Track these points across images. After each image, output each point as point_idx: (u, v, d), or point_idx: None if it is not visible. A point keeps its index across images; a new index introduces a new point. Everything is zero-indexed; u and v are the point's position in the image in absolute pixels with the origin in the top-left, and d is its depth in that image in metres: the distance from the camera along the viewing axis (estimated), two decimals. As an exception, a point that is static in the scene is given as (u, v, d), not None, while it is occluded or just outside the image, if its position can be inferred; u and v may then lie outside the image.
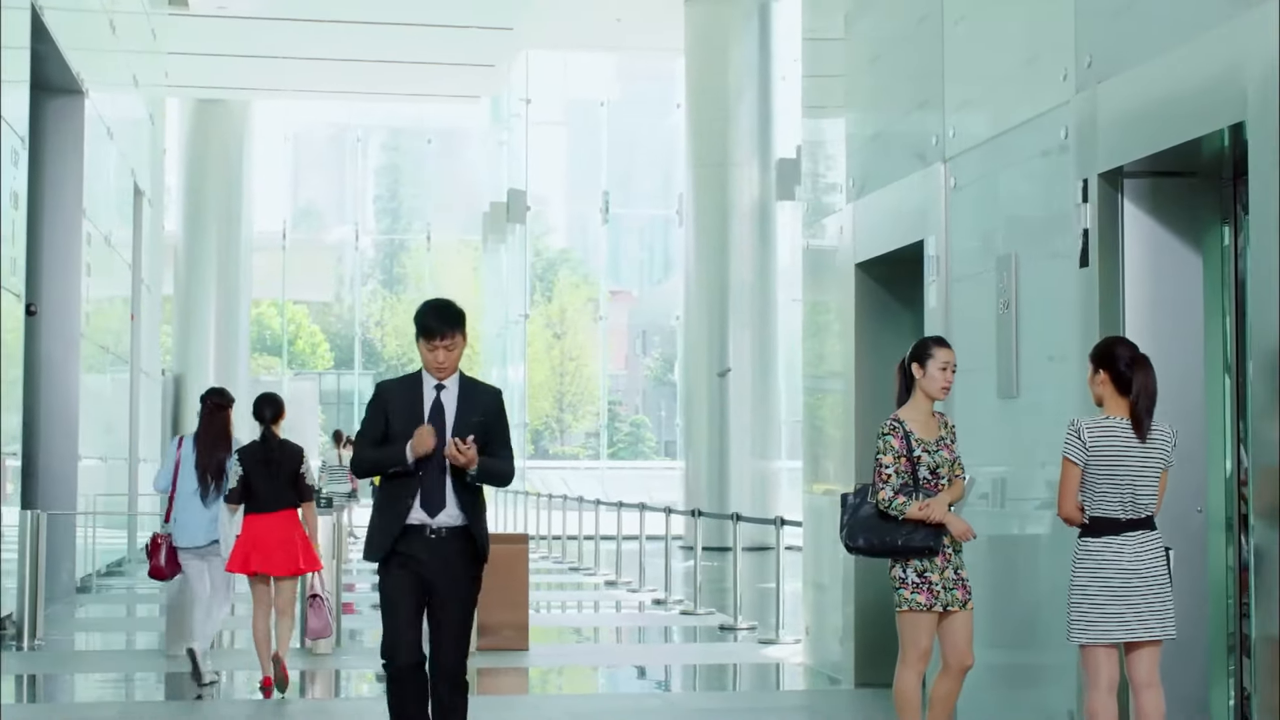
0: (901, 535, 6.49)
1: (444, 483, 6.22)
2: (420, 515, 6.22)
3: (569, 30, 25.69)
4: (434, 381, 6.30)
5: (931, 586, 6.50)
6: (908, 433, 6.56)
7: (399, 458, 6.17)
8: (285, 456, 9.35)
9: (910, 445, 6.54)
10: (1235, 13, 5.85)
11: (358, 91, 29.30)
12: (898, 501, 6.47)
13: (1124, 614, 5.84)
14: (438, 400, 6.29)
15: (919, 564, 6.51)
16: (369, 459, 6.34)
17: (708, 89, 25.23)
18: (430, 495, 6.22)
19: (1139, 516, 5.88)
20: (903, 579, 6.53)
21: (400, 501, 6.22)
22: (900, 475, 6.51)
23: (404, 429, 6.19)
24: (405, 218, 42.83)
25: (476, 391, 6.39)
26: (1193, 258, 6.89)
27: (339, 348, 49.17)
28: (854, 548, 6.69)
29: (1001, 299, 7.78)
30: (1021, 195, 7.78)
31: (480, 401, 6.33)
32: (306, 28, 23.63)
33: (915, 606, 6.51)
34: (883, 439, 6.59)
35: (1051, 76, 7.35)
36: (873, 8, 9.96)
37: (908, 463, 6.52)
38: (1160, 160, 6.68)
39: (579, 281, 52.07)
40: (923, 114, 8.90)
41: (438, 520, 6.22)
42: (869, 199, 9.63)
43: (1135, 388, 5.88)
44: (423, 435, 6.13)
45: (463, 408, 6.28)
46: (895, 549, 6.51)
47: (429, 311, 6.28)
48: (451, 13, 22.98)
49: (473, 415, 6.27)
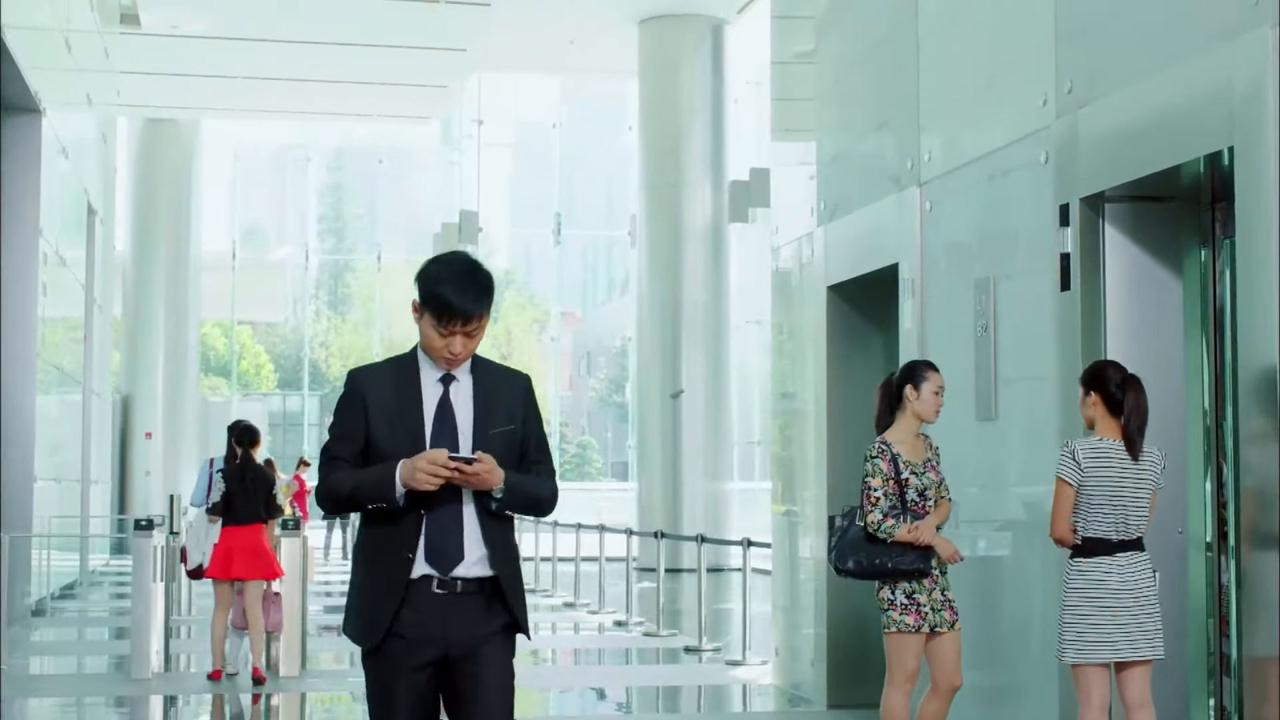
0: (891, 557, 6.54)
1: (460, 514, 4.28)
2: (425, 568, 4.26)
3: (522, 52, 25.73)
4: (438, 372, 4.37)
5: (920, 608, 6.56)
6: (895, 455, 6.62)
7: (384, 489, 4.22)
8: (261, 477, 10.82)
9: (898, 468, 6.59)
10: (1218, 41, 5.94)
11: (310, 112, 29.21)
12: (886, 524, 6.52)
13: (1115, 634, 5.90)
14: (445, 399, 4.36)
15: (907, 585, 6.56)
16: (340, 488, 4.30)
17: (661, 110, 25.33)
18: (442, 536, 4.27)
19: (1130, 538, 5.95)
20: (891, 600, 6.58)
21: (395, 553, 4.26)
22: (888, 498, 6.57)
23: (394, 442, 4.28)
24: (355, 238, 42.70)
25: (499, 382, 4.45)
26: (1172, 281, 6.97)
27: (283, 369, 48.90)
28: (844, 570, 6.73)
29: (980, 322, 7.84)
30: (999, 219, 7.85)
31: (506, 398, 4.43)
32: (260, 47, 23.56)
33: (904, 628, 6.56)
34: (871, 462, 6.64)
35: (1030, 101, 7.43)
36: (843, 32, 10.03)
37: (895, 485, 6.58)
38: (1140, 185, 6.76)
39: (524, 303, 52.09)
40: (896, 138, 8.97)
41: (456, 572, 4.27)
42: (841, 222, 9.69)
43: (1127, 409, 5.95)
44: (430, 463, 4.16)
45: (483, 409, 4.37)
46: (885, 571, 6.57)
47: (449, 279, 4.28)
48: (406, 34, 22.98)
49: (498, 420, 4.39)
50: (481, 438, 4.34)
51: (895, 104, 8.99)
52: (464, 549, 4.28)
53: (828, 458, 9.75)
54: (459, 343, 4.30)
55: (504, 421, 4.40)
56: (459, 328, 4.28)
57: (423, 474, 4.16)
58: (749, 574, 12.85)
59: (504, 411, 4.41)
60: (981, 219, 8.06)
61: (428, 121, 29.93)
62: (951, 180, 8.27)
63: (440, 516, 4.28)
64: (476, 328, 4.31)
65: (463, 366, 4.40)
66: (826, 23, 10.34)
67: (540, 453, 4.50)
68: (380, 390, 4.37)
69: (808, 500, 10.15)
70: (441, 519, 4.28)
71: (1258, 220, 5.67)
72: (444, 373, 4.39)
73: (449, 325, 4.27)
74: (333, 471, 4.35)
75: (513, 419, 4.42)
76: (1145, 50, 6.52)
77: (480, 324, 4.31)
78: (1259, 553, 5.76)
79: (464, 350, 4.33)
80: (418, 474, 4.17)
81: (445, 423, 4.36)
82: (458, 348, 4.31)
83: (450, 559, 4.27)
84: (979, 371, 7.84)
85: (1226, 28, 5.87)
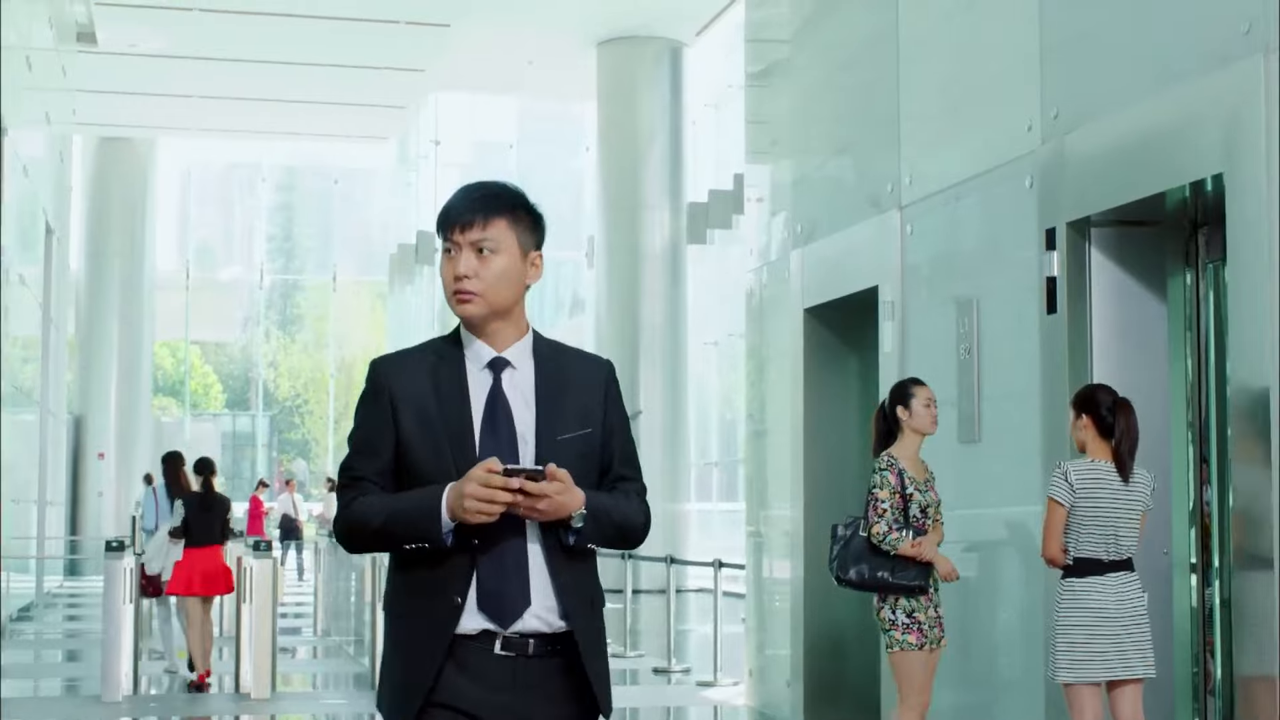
0: (892, 571, 6.62)
1: (523, 549, 3.21)
2: (480, 620, 3.20)
3: (480, 73, 25.74)
4: (484, 354, 3.31)
5: (920, 626, 6.63)
6: (901, 470, 6.71)
7: (426, 523, 3.15)
8: (219, 504, 11.93)
9: (904, 483, 6.68)
10: (1210, 69, 6.02)
11: (268, 131, 29.15)
12: (892, 537, 6.60)
13: (1107, 653, 5.97)
14: (497, 390, 3.28)
15: (907, 604, 6.63)
16: (366, 522, 3.24)
17: (619, 132, 25.37)
18: (500, 577, 3.20)
19: (1121, 558, 6.02)
20: (893, 621, 6.65)
21: (438, 595, 3.20)
22: (894, 511, 6.65)
23: (431, 453, 3.23)
24: (310, 258, 42.59)
25: (570, 369, 3.38)
26: (1157, 305, 7.06)
27: (231, 389, 48.67)
28: (844, 580, 6.80)
29: (963, 344, 7.91)
30: (983, 242, 7.93)
31: (580, 391, 3.35)
32: (218, 67, 23.50)
33: (907, 647, 6.63)
34: (879, 474, 6.72)
35: (1014, 126, 7.50)
36: (817, 55, 10.11)
37: (901, 499, 6.66)
38: (1125, 209, 6.84)
39: (473, 324, 51.96)
40: (874, 161, 9.04)
41: (521, 625, 3.21)
42: (818, 244, 9.75)
43: (1118, 432, 6.03)
44: (481, 482, 3.09)
45: (549, 405, 3.30)
46: (884, 584, 6.64)
47: (458, 193, 3.37)
48: (365, 55, 22.99)
49: (570, 421, 3.31)
50: (548, 445, 3.26)
51: (873, 127, 9.06)
52: (529, 588, 3.20)
53: (804, 479, 9.80)
54: (465, 260, 3.23)
55: (577, 423, 3.31)
56: (460, 236, 3.24)
57: (472, 499, 3.07)
58: (719, 595, 12.87)
59: (577, 409, 3.33)
60: (964, 242, 8.13)
61: (384, 142, 29.92)
62: (933, 203, 8.34)
63: (499, 552, 3.20)
64: (487, 240, 3.23)
65: (521, 348, 3.34)
66: (799, 45, 10.42)
67: (629, 466, 3.41)
68: (412, 382, 3.29)
69: (783, 521, 10.19)
70: (500, 555, 3.20)
71: (1251, 245, 5.75)
72: (493, 356, 3.30)
73: (448, 236, 3.27)
74: (355, 498, 3.28)
75: (589, 420, 3.34)
76: (1134, 77, 6.60)
77: (495, 238, 3.24)
78: (1249, 574, 5.83)
79: (475, 281, 3.24)
80: (465, 499, 3.08)
81: (498, 424, 3.26)
82: (462, 266, 3.23)
83: (510, 608, 3.19)
84: (962, 393, 7.90)
85: (1218, 55, 5.96)
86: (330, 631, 16.44)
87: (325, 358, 43.72)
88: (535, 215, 3.35)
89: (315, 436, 47.75)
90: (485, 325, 3.31)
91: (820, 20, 10.15)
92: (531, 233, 3.32)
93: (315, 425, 47.72)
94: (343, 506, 3.33)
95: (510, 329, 3.35)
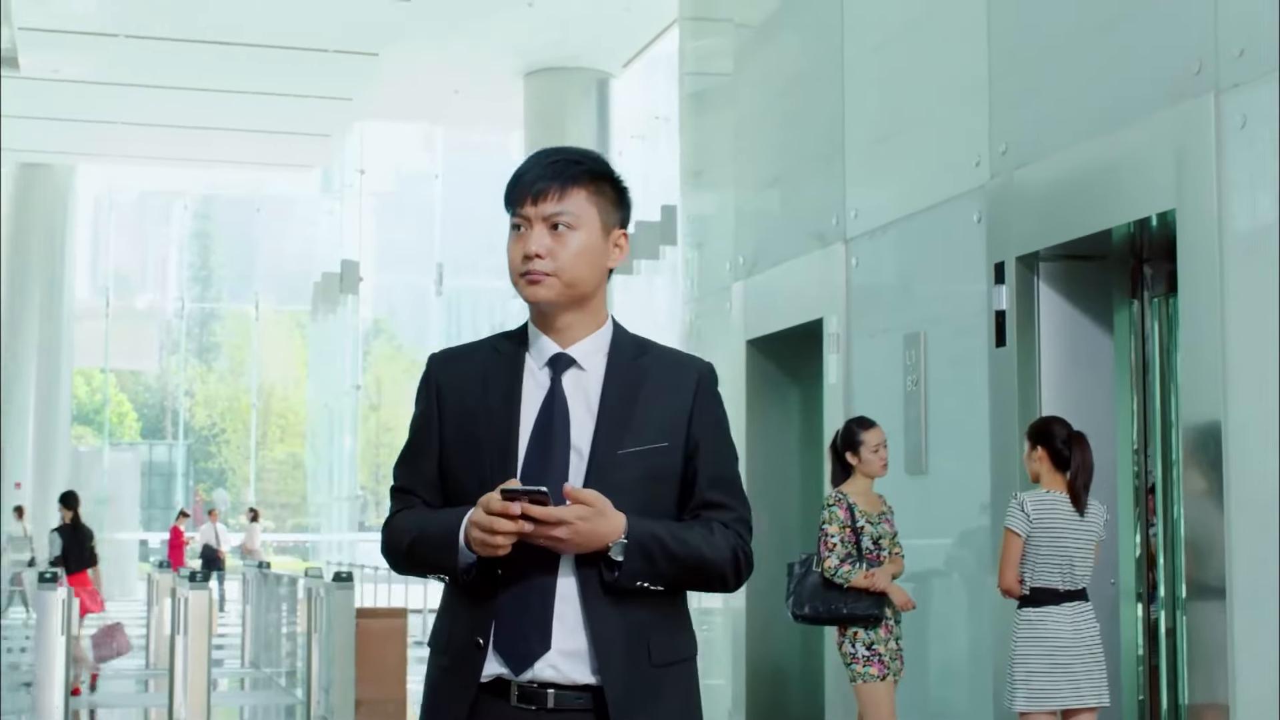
0: (846, 604, 6.69)
1: (550, 585, 2.74)
2: (495, 664, 2.77)
3: (407, 101, 25.69)
4: (548, 350, 2.85)
5: (881, 658, 6.71)
6: (851, 504, 6.78)
7: (444, 552, 2.76)
8: (85, 534, 14.20)
9: (854, 516, 6.76)
10: (1161, 107, 6.14)
11: (191, 158, 28.93)
12: (843, 570, 6.67)
13: (1063, 682, 6.05)
14: (554, 392, 2.82)
15: (866, 637, 6.71)
16: (399, 540, 2.87)
17: (546, 163, 25.35)
18: (518, 615, 2.75)
19: (1075, 588, 6.11)
20: (853, 654, 6.73)
21: (466, 637, 2.79)
22: (845, 544, 6.72)
23: (470, 464, 2.82)
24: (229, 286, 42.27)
25: (652, 370, 2.85)
26: (1103, 338, 7.17)
27: (147, 418, 48.15)
28: (800, 615, 6.88)
29: (910, 376, 8.00)
30: (930, 275, 8.02)
31: (661, 395, 2.82)
32: (143, 93, 23.31)
33: (870, 678, 6.71)
34: (828, 509, 6.80)
35: (962, 161, 7.61)
36: (759, 86, 10.19)
37: (851, 533, 6.73)
38: (1073, 245, 6.96)
39: (393, 353, 51.84)
40: (819, 195, 9.12)
41: (535, 672, 2.74)
42: (761, 277, 9.82)
43: (1073, 465, 6.13)
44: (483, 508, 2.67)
45: (614, 408, 2.79)
46: (840, 617, 6.72)
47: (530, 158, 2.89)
48: (291, 83, 22.88)
49: (640, 431, 2.78)
50: (603, 461, 2.75)
51: (816, 160, 9.15)
52: (550, 630, 2.72)
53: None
54: (537, 237, 2.77)
55: (649, 435, 2.78)
56: (532, 208, 2.79)
57: (474, 526, 2.67)
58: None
59: (652, 419, 2.79)
60: (911, 275, 8.22)
61: (309, 170, 29.78)
62: (879, 237, 8.43)
63: (524, 587, 2.74)
64: (564, 213, 2.78)
65: (594, 344, 2.85)
66: (737, 76, 10.50)
67: (722, 491, 2.83)
68: (462, 380, 2.86)
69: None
70: (525, 590, 2.74)
71: (1202, 280, 5.86)
72: (557, 351, 2.83)
73: (519, 203, 2.81)
74: (397, 511, 2.91)
75: (667, 432, 2.79)
76: (1083, 114, 6.72)
77: (573, 211, 2.79)
78: (1200, 604, 5.93)
79: (550, 254, 2.77)
80: (472, 528, 2.67)
81: (551, 434, 2.78)
82: (533, 244, 2.76)
83: (524, 651, 2.72)
84: (908, 425, 7.98)
85: (1169, 94, 6.08)
86: (259, 663, 16.29)
87: (243, 386, 43.38)
88: (620, 187, 2.90)
89: (233, 466, 47.32)
90: (557, 316, 2.83)
91: (759, 51, 10.25)
92: (616, 208, 2.87)
93: (233, 454, 47.30)
94: (386, 521, 2.94)
95: (586, 321, 2.85)
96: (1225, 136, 5.74)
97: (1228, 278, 5.70)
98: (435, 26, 20.83)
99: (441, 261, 28.74)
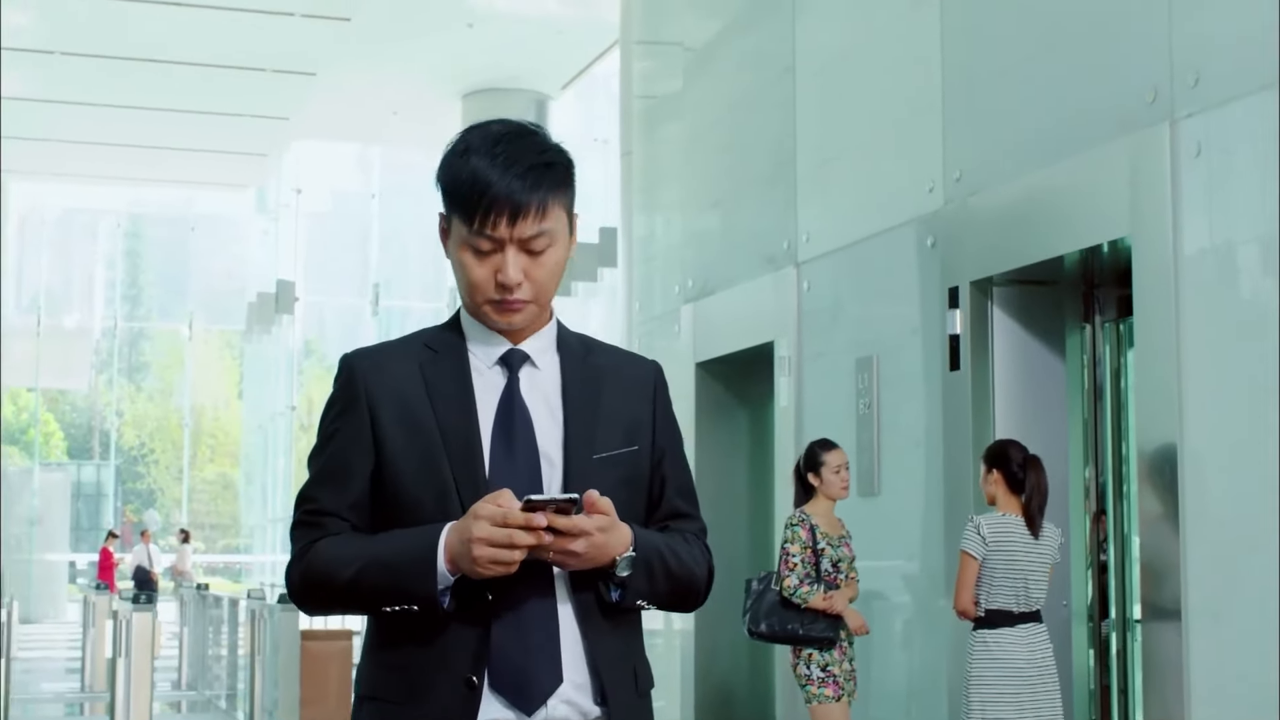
0: (802, 624, 6.74)
1: (552, 609, 2.44)
2: (497, 707, 2.41)
3: (345, 121, 25.63)
4: (496, 346, 2.54)
5: (836, 679, 6.77)
6: (813, 526, 6.84)
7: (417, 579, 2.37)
8: None
9: (816, 538, 6.81)
10: (1115, 135, 6.23)
11: (125, 177, 28.72)
12: (802, 590, 6.72)
13: (1018, 704, 6.11)
14: (511, 394, 2.51)
15: (820, 658, 6.76)
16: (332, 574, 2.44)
17: (484, 183, 25.35)
18: (524, 648, 2.42)
19: (1030, 610, 6.17)
20: (808, 675, 6.77)
21: (441, 675, 2.41)
22: (805, 565, 6.77)
23: (424, 477, 2.46)
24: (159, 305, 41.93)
25: (608, 370, 2.61)
26: (1056, 362, 7.26)
27: (74, 438, 47.66)
28: (756, 633, 6.93)
29: (863, 399, 8.06)
30: (883, 300, 8.08)
31: (623, 397, 2.59)
32: (78, 110, 23.14)
33: (824, 700, 6.75)
34: (791, 529, 6.86)
35: (916, 187, 7.68)
36: (708, 109, 10.24)
37: (812, 554, 6.79)
38: (1027, 270, 7.04)
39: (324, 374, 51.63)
40: (770, 219, 9.18)
41: (549, 710, 2.43)
42: (711, 300, 9.86)
43: (1029, 488, 6.20)
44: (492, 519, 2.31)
45: (581, 414, 2.53)
46: (795, 637, 6.77)
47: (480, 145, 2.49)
48: (228, 102, 22.78)
49: (609, 435, 2.54)
50: (582, 466, 2.49)
51: (768, 184, 9.20)
52: (560, 661, 2.43)
53: (695, 531, 9.86)
54: (513, 263, 2.43)
55: (619, 438, 2.54)
56: (507, 229, 2.42)
57: (483, 544, 2.30)
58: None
59: (620, 420, 2.55)
60: (864, 299, 8.28)
61: (244, 189, 29.62)
62: (831, 261, 8.49)
63: (522, 613, 2.42)
64: (544, 233, 2.45)
65: (543, 339, 2.56)
66: (685, 99, 10.55)
67: (685, 499, 2.64)
68: (399, 383, 2.49)
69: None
70: (523, 617, 2.42)
71: (1157, 305, 5.95)
72: (508, 348, 2.53)
73: (488, 224, 2.42)
74: (315, 540, 2.46)
75: (635, 434, 2.56)
76: (1039, 142, 6.80)
77: (551, 229, 2.46)
78: (1155, 625, 6.01)
79: (527, 280, 2.45)
80: (473, 545, 2.30)
81: (514, 438, 2.47)
82: (512, 273, 2.43)
83: (537, 688, 2.41)
84: (861, 448, 8.04)
85: (1124, 122, 6.17)
86: (197, 685, 16.15)
87: (173, 406, 43.03)
88: (573, 169, 2.57)
89: (162, 486, 46.90)
90: None
91: (709, 72, 10.30)
92: (573, 192, 2.56)
93: (162, 475, 46.88)
94: (298, 553, 2.49)
95: (538, 316, 2.56)
96: (1180, 164, 5.83)
97: (1182, 303, 5.79)
98: (374, 47, 20.81)
99: (378, 282, 28.64)
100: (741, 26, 9.89)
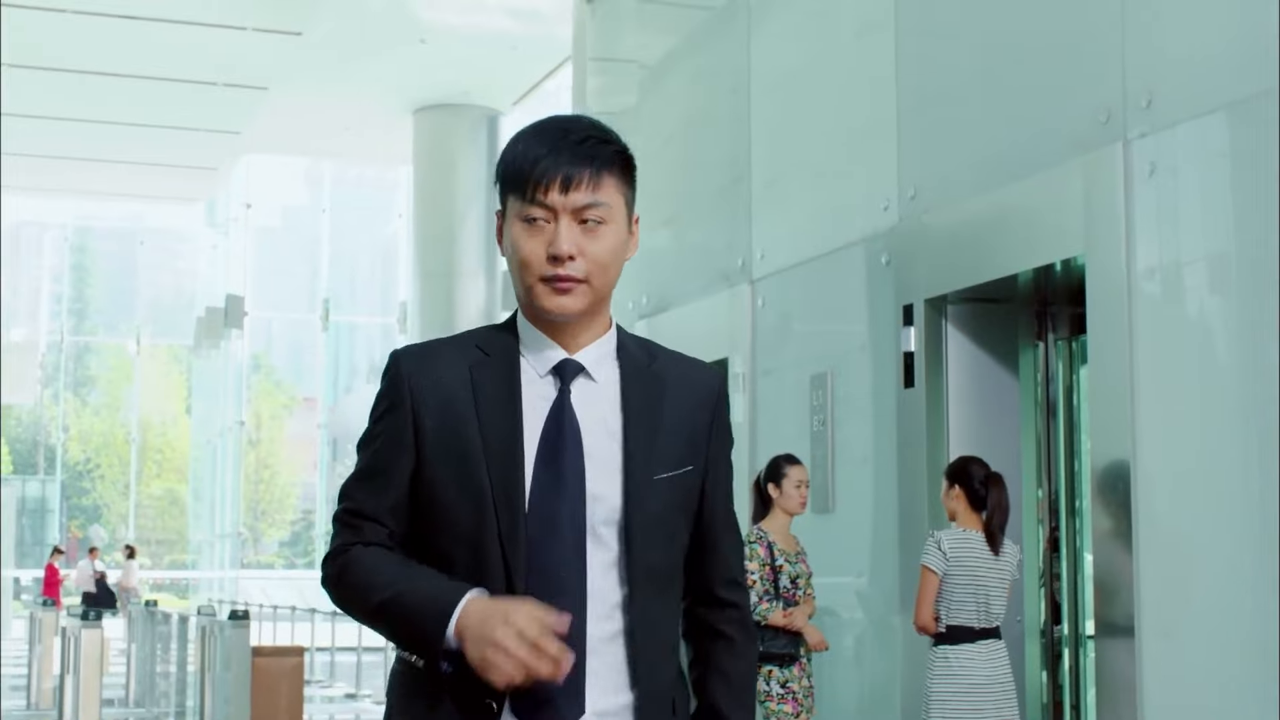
0: (763, 641, 6.74)
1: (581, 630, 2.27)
2: None
3: (296, 136, 25.57)
4: (551, 354, 2.38)
5: (795, 695, 6.77)
6: (771, 543, 6.85)
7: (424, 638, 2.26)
8: None
9: (774, 555, 6.82)
10: (1069, 155, 6.29)
11: (72, 190, 28.55)
12: (762, 607, 6.73)
13: (979, 718, 6.14)
14: (560, 410, 2.35)
15: (780, 675, 6.77)
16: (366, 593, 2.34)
17: (434, 199, 25.35)
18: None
19: (990, 626, 6.21)
20: (768, 692, 6.78)
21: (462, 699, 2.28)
22: (764, 582, 6.78)
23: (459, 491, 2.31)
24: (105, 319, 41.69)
25: (668, 374, 2.45)
26: (1009, 379, 7.31)
27: (18, 452, 47.26)
28: (715, 650, 6.92)
29: (817, 416, 8.09)
30: (837, 317, 8.12)
31: (684, 411, 2.42)
32: (25, 123, 22.99)
33: (784, 716, 6.76)
34: (749, 546, 6.85)
35: (870, 204, 7.73)
36: (662, 126, 10.27)
37: (770, 571, 6.80)
38: (980, 288, 7.10)
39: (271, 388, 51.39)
40: (725, 236, 9.21)
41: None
42: (665, 316, 9.89)
43: (990, 505, 6.24)
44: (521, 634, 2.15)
45: (642, 425, 2.37)
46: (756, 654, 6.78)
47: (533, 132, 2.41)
48: (178, 115, 22.69)
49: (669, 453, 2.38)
50: (641, 487, 2.33)
51: (722, 201, 9.24)
52: (584, 696, 2.28)
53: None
54: (567, 233, 2.30)
55: (678, 455, 2.39)
56: (560, 197, 2.30)
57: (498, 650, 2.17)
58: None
59: (681, 437, 2.40)
60: (819, 316, 8.32)
61: (193, 203, 29.51)
62: (786, 278, 8.53)
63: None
64: (596, 205, 2.32)
65: (601, 349, 2.40)
66: (642, 118, 10.57)
67: (727, 526, 2.51)
68: (444, 383, 2.35)
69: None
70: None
71: (1110, 324, 6.00)
72: (562, 358, 2.37)
73: (540, 189, 2.30)
74: (353, 544, 2.37)
75: (692, 450, 2.41)
76: (993, 161, 6.86)
77: (606, 202, 2.33)
78: (1109, 641, 6.05)
79: (581, 256, 2.31)
80: (486, 649, 2.17)
81: (561, 457, 2.32)
82: (565, 243, 2.29)
83: (564, 711, 2.28)
84: (815, 465, 8.07)
85: (1077, 142, 6.23)
86: (144, 702, 16.03)
87: (119, 421, 42.73)
88: (634, 164, 2.43)
89: (108, 501, 46.53)
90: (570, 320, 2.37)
91: (663, 89, 10.34)
92: (633, 190, 2.42)
93: (108, 490, 46.52)
94: (335, 549, 2.38)
95: (595, 324, 2.40)
96: (1133, 184, 5.89)
97: (1135, 322, 5.84)
98: (326, 62, 20.78)
99: (328, 297, 28.57)
100: (695, 43, 9.93)
